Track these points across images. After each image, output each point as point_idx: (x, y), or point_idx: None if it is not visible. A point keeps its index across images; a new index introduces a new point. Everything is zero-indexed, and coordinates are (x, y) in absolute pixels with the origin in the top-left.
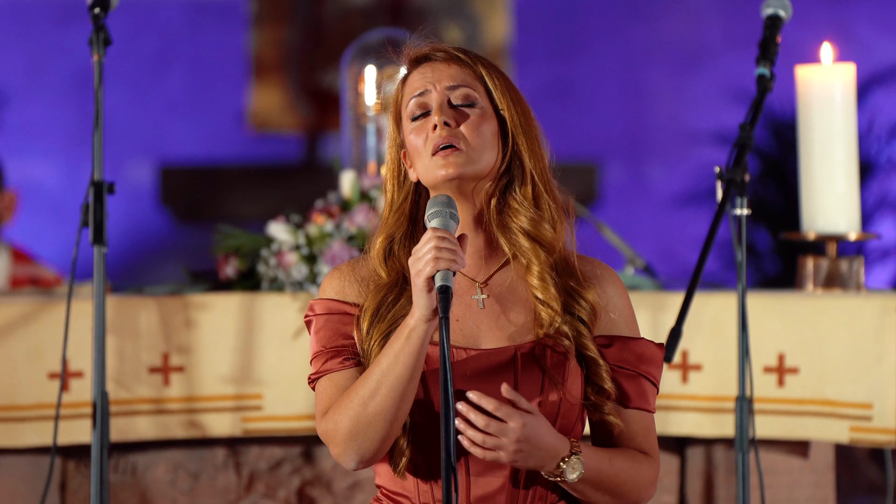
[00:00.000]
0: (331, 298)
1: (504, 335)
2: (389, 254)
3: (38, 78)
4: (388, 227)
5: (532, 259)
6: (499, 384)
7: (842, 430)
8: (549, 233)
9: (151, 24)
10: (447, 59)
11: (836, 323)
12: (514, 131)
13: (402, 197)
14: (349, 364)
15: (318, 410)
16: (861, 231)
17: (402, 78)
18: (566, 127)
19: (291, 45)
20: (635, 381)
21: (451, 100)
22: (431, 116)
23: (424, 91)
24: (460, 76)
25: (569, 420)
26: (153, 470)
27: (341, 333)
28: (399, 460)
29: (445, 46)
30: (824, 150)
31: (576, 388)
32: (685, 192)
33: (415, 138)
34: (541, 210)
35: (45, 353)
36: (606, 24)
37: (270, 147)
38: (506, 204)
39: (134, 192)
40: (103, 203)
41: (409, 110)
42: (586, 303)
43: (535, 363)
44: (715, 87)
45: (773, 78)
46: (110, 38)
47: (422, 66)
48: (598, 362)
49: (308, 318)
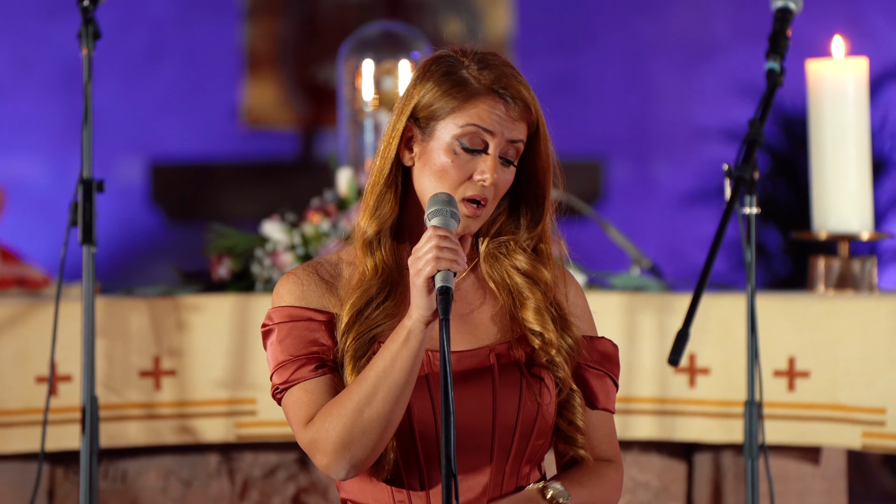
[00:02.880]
0: (292, 305)
1: (475, 337)
2: (378, 244)
3: (25, 72)
4: (380, 217)
5: (528, 295)
6: (478, 384)
7: (854, 435)
8: (546, 276)
9: (142, 17)
10: (517, 106)
11: (848, 325)
12: (546, 195)
13: (394, 175)
14: (321, 372)
15: (298, 420)
16: (874, 230)
17: (465, 79)
18: (570, 123)
19: (286, 38)
20: (602, 380)
21: (504, 153)
22: (484, 167)
23: (492, 132)
24: (522, 130)
25: (545, 422)
26: (144, 477)
27: (309, 340)
28: (383, 469)
29: (524, 93)
30: (836, 147)
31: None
32: (693, 190)
33: (451, 164)
34: (540, 253)
35: (33, 356)
36: (612, 17)
37: (265, 144)
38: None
39: (124, 190)
40: (92, 201)
41: (464, 131)
42: (571, 339)
43: (511, 363)
44: (723, 81)
45: (783, 72)
46: (100, 32)
47: (495, 98)
48: (573, 393)
49: (268, 328)
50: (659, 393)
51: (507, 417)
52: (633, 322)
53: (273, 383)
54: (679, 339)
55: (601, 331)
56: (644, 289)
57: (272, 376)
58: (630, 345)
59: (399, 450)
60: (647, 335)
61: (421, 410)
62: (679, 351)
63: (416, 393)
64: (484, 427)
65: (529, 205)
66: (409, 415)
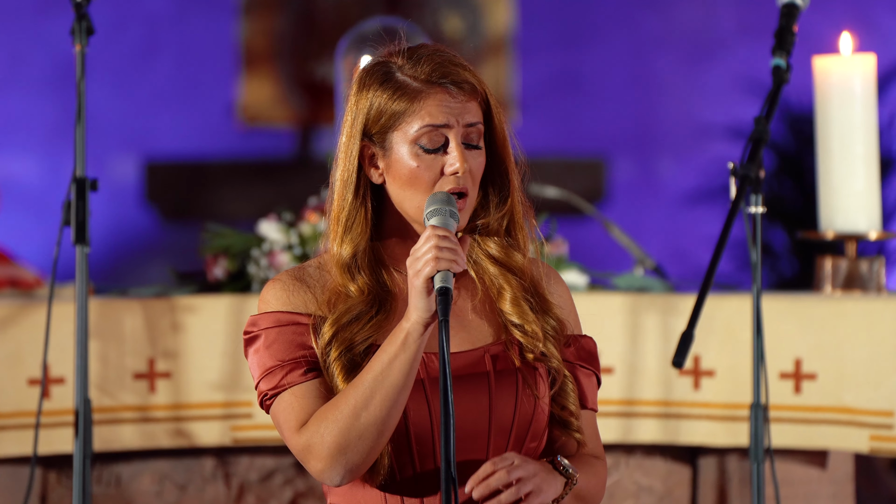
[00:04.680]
0: (278, 311)
1: (468, 338)
2: (356, 268)
3: (18, 69)
4: (352, 240)
5: (503, 285)
6: (473, 387)
7: (861, 438)
8: (520, 260)
9: (136, 13)
10: (462, 89)
11: (855, 326)
12: (509, 171)
13: (360, 199)
14: (311, 375)
15: (289, 426)
16: (882, 230)
17: (401, 83)
18: (572, 120)
19: (283, 34)
20: (590, 379)
21: (466, 139)
22: (452, 159)
23: (447, 125)
24: (476, 111)
25: (540, 424)
26: (138, 481)
27: (297, 344)
28: (378, 474)
29: (465, 74)
30: (843, 145)
31: (546, 397)
32: (697, 188)
33: (419, 168)
34: (512, 236)
35: (25, 358)
36: (615, 13)
37: (261, 142)
38: (476, 225)
39: (118, 188)
40: (86, 201)
41: (418, 135)
42: (553, 320)
43: (506, 364)
44: (729, 78)
45: (789, 69)
46: (93, 28)
47: (437, 91)
48: (566, 379)
49: (253, 335)
50: (663, 396)
51: (503, 420)
52: (637, 323)
53: (260, 390)
54: (683, 341)
55: (605, 333)
56: (647, 289)
57: (259, 383)
58: (633, 347)
59: (394, 454)
60: (650, 337)
61: (417, 414)
62: (683, 353)
63: (412, 396)
64: (480, 430)
65: (495, 182)
66: (405, 418)
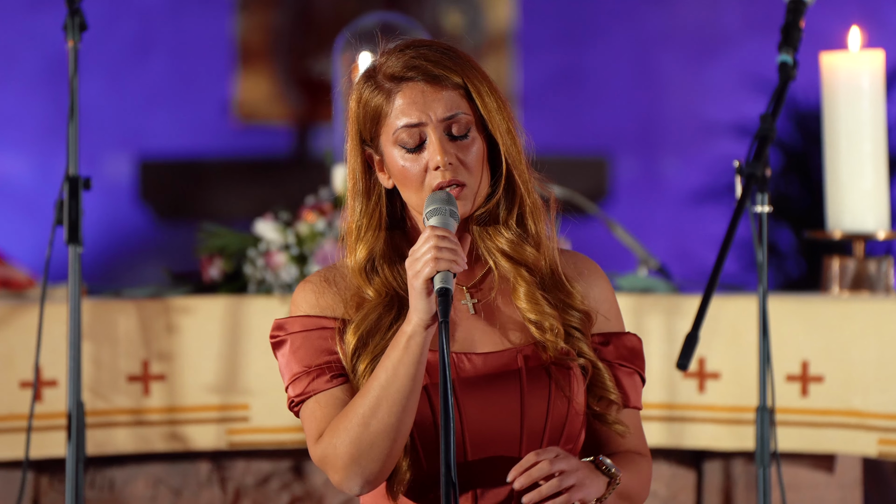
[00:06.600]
0: (306, 315)
1: (500, 339)
2: (373, 271)
3: (9, 65)
4: (366, 242)
5: (517, 280)
6: (505, 389)
7: (870, 442)
8: (532, 254)
9: (130, 8)
10: (436, 80)
11: (863, 328)
12: (506, 156)
13: (373, 205)
14: (336, 382)
15: (310, 435)
16: (890, 229)
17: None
18: (575, 118)
19: (280, 30)
20: (632, 378)
21: (448, 131)
22: (432, 154)
23: (420, 122)
24: (452, 100)
25: (574, 427)
26: (132, 485)
27: (323, 350)
28: (398, 482)
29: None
30: (851, 143)
31: (580, 394)
32: (702, 187)
33: (406, 167)
34: (524, 228)
35: (17, 360)
36: (618, 9)
37: (258, 140)
38: (489, 218)
39: (111, 187)
40: (79, 199)
41: (397, 136)
42: (578, 312)
43: (538, 366)
44: (734, 75)
45: (796, 65)
46: (86, 23)
47: (408, 88)
48: (599, 369)
49: (279, 339)
50: (667, 398)
51: (535, 423)
52: (641, 324)
53: (289, 396)
54: (688, 343)
55: None
56: (652, 290)
57: (287, 388)
58: None
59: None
60: (654, 338)
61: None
62: (688, 355)
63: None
64: (511, 433)
65: (497, 166)
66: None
